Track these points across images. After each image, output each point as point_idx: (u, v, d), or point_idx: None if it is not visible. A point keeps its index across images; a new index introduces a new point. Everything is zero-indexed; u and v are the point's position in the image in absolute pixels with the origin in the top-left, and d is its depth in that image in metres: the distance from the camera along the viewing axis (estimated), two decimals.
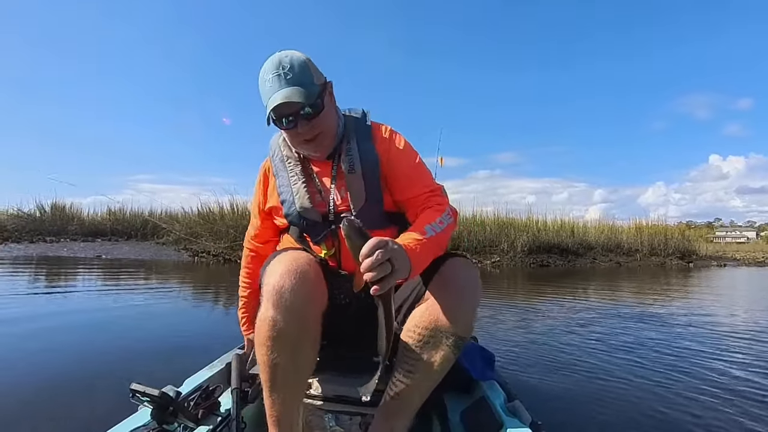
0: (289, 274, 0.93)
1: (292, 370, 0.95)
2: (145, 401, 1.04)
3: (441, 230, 1.02)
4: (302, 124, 1.05)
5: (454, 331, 0.95)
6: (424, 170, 1.18)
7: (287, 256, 0.98)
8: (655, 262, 11.56)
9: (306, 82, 1.03)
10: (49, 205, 10.30)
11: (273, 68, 1.02)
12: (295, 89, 1.01)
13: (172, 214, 10.33)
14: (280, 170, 1.20)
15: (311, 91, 1.03)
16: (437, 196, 1.14)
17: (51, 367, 2.15)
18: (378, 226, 1.14)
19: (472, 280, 0.98)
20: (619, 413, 1.74)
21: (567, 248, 10.23)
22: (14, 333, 2.68)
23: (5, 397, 1.74)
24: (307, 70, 1.04)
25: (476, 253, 9.28)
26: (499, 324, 3.44)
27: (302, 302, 0.92)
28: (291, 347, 0.93)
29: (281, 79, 1.01)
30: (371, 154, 1.14)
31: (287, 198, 1.17)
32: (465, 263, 1.01)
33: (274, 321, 0.91)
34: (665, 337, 3.11)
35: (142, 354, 2.40)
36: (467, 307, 0.97)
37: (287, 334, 0.92)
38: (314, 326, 0.96)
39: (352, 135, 1.16)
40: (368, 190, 1.12)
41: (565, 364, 2.40)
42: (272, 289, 0.92)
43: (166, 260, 8.11)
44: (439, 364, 0.96)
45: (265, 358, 0.94)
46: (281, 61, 1.03)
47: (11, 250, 8.43)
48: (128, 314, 3.47)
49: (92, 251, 8.50)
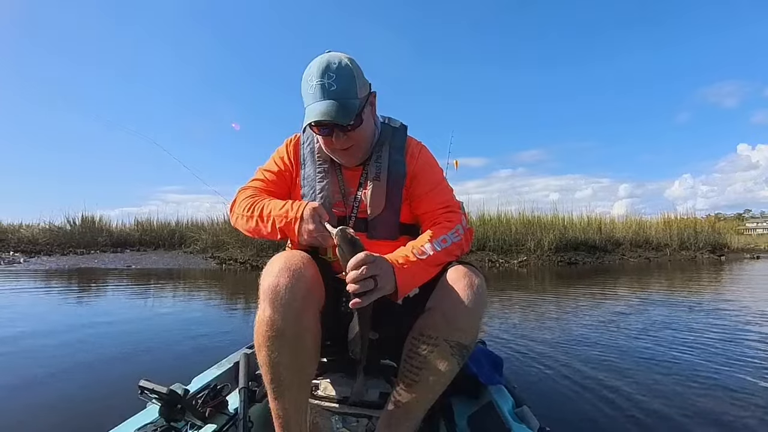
0: (283, 273, 0.93)
1: (294, 369, 0.95)
2: (153, 398, 1.04)
3: (442, 249, 1.01)
4: (338, 135, 1.05)
5: (459, 339, 0.94)
6: (445, 187, 1.19)
7: (282, 256, 0.99)
8: (685, 257, 11.27)
9: (349, 96, 1.02)
10: (78, 218, 10.55)
11: (318, 75, 1.00)
12: (334, 105, 0.99)
13: (198, 223, 10.51)
14: (308, 160, 1.19)
15: (351, 108, 1.02)
16: (450, 212, 1.13)
17: (62, 366, 2.22)
18: (390, 235, 1.15)
19: (477, 288, 0.96)
20: (634, 424, 1.63)
21: (595, 245, 10.03)
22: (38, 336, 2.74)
23: (17, 396, 1.84)
24: (352, 83, 1.02)
25: (503, 252, 9.16)
26: (512, 325, 3.34)
27: (299, 300, 0.92)
28: (291, 346, 0.93)
29: (324, 90, 1.00)
30: (400, 166, 1.15)
31: (308, 193, 1.16)
32: (471, 271, 0.99)
33: (272, 320, 0.91)
34: (698, 342, 2.78)
35: (156, 353, 2.47)
36: (472, 316, 0.94)
37: (286, 333, 0.92)
38: (313, 324, 0.96)
39: (386, 144, 1.16)
40: (388, 199, 1.13)
41: (579, 368, 2.27)
42: (268, 288, 0.92)
43: (194, 269, 8.19)
44: (443, 373, 0.95)
45: (267, 358, 0.94)
46: (329, 68, 1.00)
47: (44, 262, 8.62)
48: (150, 317, 3.58)
49: (122, 262, 8.66)
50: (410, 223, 1.18)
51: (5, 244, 9.66)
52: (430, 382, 0.96)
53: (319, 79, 1.00)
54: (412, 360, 0.97)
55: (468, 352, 0.97)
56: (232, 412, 1.15)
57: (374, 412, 1.13)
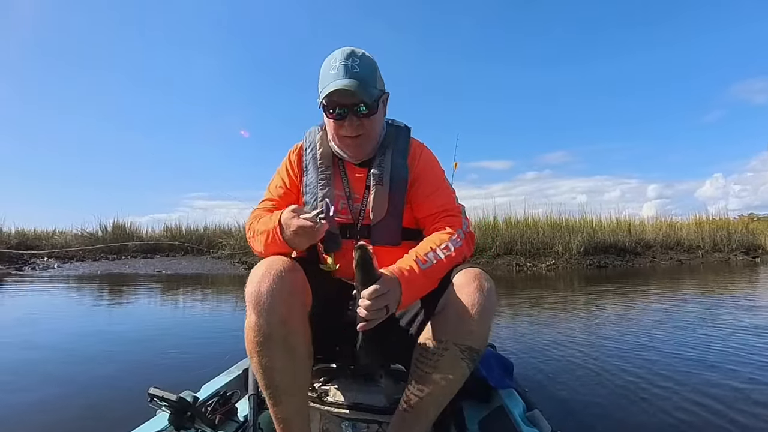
0: (264, 278, 0.93)
1: (288, 373, 0.95)
2: (163, 406, 1.04)
3: (445, 256, 1.01)
4: (351, 119, 1.05)
5: (469, 343, 0.93)
6: (446, 189, 1.18)
7: (263, 262, 0.99)
8: (718, 259, 10.90)
9: (370, 81, 1.05)
10: (110, 225, 10.82)
11: (343, 57, 1.03)
12: (357, 83, 1.01)
13: (226, 228, 10.64)
14: (310, 167, 1.18)
15: (371, 91, 1.04)
16: (450, 216, 1.12)
17: (75, 371, 2.25)
18: (394, 241, 1.14)
19: (487, 291, 0.95)
20: (647, 428, 1.58)
21: (624, 248, 9.78)
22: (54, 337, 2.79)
23: (25, 401, 1.86)
24: (374, 71, 1.07)
25: (530, 256, 9.01)
26: (524, 330, 3.26)
27: (282, 303, 0.92)
28: (281, 349, 0.93)
29: (348, 69, 1.02)
30: (402, 170, 1.14)
31: (310, 200, 1.16)
32: (480, 274, 0.99)
33: (258, 326, 0.92)
34: (729, 350, 2.57)
35: (168, 359, 2.49)
36: (482, 320, 0.93)
37: (274, 336, 0.92)
38: (300, 326, 0.96)
39: (390, 147, 1.15)
40: (391, 204, 1.12)
41: (594, 373, 2.20)
42: (250, 295, 0.93)
43: (222, 273, 8.29)
44: (454, 376, 0.95)
45: (259, 365, 0.94)
46: (353, 52, 1.04)
47: (77, 268, 8.85)
48: (168, 323, 3.65)
49: (152, 267, 8.83)
50: (413, 228, 1.17)
51: (40, 250, 9.95)
52: (440, 386, 0.96)
53: (343, 61, 1.02)
54: (422, 364, 0.96)
55: (479, 356, 0.96)
56: (242, 419, 1.14)
57: (384, 418, 1.13)
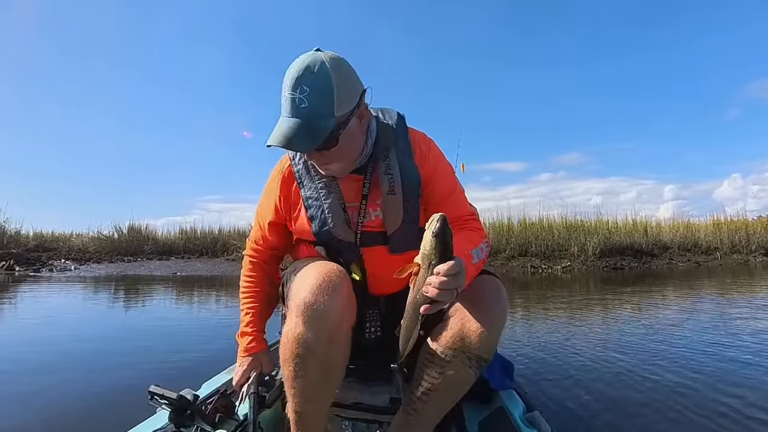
0: (321, 290, 0.88)
1: (321, 385, 0.93)
2: (163, 404, 1.04)
3: (481, 258, 0.99)
4: (312, 155, 0.99)
5: (478, 352, 0.91)
6: (462, 192, 1.16)
7: (318, 269, 0.94)
8: (737, 260, 10.70)
9: (321, 115, 0.90)
10: (126, 227, 10.93)
11: (291, 86, 0.90)
12: (299, 128, 0.89)
13: (240, 231, 10.68)
14: (305, 178, 1.10)
15: (319, 131, 0.90)
16: (475, 220, 1.11)
17: (73, 372, 2.26)
18: (413, 246, 1.05)
19: (499, 300, 0.93)
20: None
21: (641, 249, 9.65)
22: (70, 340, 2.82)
23: (28, 401, 1.88)
24: (328, 99, 0.90)
25: (545, 258, 8.94)
26: (525, 330, 3.22)
27: (334, 319, 0.89)
28: (320, 363, 0.91)
29: (294, 106, 0.89)
30: (413, 173, 1.06)
31: (317, 215, 1.08)
32: (493, 282, 0.97)
33: (304, 338, 0.88)
34: (740, 356, 2.46)
35: (172, 357, 2.51)
36: (493, 329, 0.91)
37: (317, 351, 0.89)
38: (345, 342, 0.94)
39: (391, 149, 1.07)
40: (406, 211, 1.06)
41: (595, 375, 2.18)
42: (302, 304, 0.88)
43: (237, 275, 8.31)
44: (460, 383, 0.94)
45: (293, 373, 0.91)
46: (304, 77, 0.89)
47: (93, 270, 8.97)
48: (174, 322, 3.68)
49: (167, 269, 8.92)
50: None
51: (57, 252, 10.11)
52: (445, 392, 0.95)
53: (290, 91, 0.89)
54: (429, 369, 0.95)
55: (486, 365, 0.94)
56: (242, 417, 1.14)
57: (385, 418, 1.13)
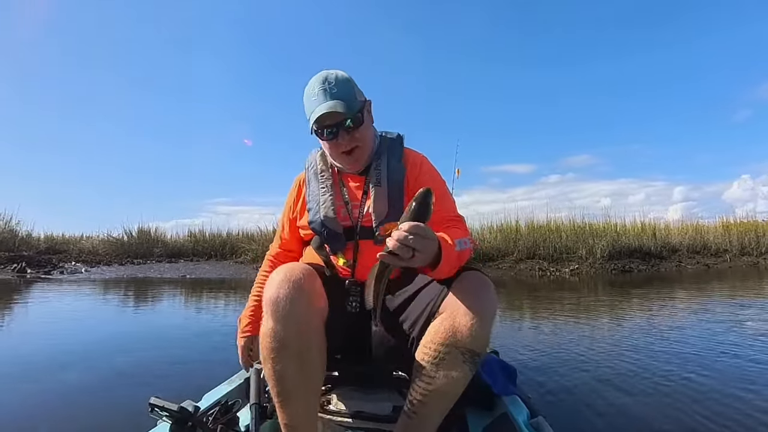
0: (284, 284, 0.95)
1: (300, 380, 0.96)
2: (164, 416, 1.04)
3: (464, 248, 1.02)
4: (342, 135, 1.13)
5: (470, 346, 0.94)
6: (449, 198, 1.24)
7: (283, 268, 1.02)
8: (746, 263, 10.60)
9: (349, 97, 1.12)
10: (135, 230, 11.00)
11: (319, 83, 1.11)
12: (338, 102, 1.09)
13: (248, 233, 10.73)
14: (312, 181, 1.27)
15: (353, 105, 1.12)
16: (461, 223, 1.16)
17: (75, 380, 2.26)
18: None
19: (487, 295, 0.97)
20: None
21: (650, 252, 9.58)
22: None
23: (29, 409, 1.87)
24: (350, 87, 1.14)
25: (553, 261, 8.90)
26: (527, 334, 3.20)
27: (300, 310, 0.94)
28: (296, 357, 0.95)
29: (326, 93, 1.10)
30: (399, 171, 1.20)
31: (313, 207, 1.22)
32: (480, 278, 1.00)
33: (275, 332, 0.94)
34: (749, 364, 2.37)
35: (172, 369, 2.49)
36: (483, 323, 0.94)
37: (290, 343, 0.94)
38: (316, 334, 0.98)
39: (384, 153, 1.22)
40: (391, 204, 1.15)
41: (600, 380, 2.15)
42: (269, 300, 0.95)
43: (245, 278, 8.38)
44: (456, 380, 0.96)
45: (272, 371, 0.96)
46: (327, 77, 1.12)
47: (103, 272, 9.04)
48: (175, 330, 3.65)
49: (176, 272, 8.97)
50: None
51: (68, 254, 10.21)
52: (442, 390, 0.96)
53: (320, 86, 1.10)
54: (424, 368, 0.97)
55: (479, 360, 0.97)
56: (243, 429, 1.14)
57: (387, 426, 1.12)
